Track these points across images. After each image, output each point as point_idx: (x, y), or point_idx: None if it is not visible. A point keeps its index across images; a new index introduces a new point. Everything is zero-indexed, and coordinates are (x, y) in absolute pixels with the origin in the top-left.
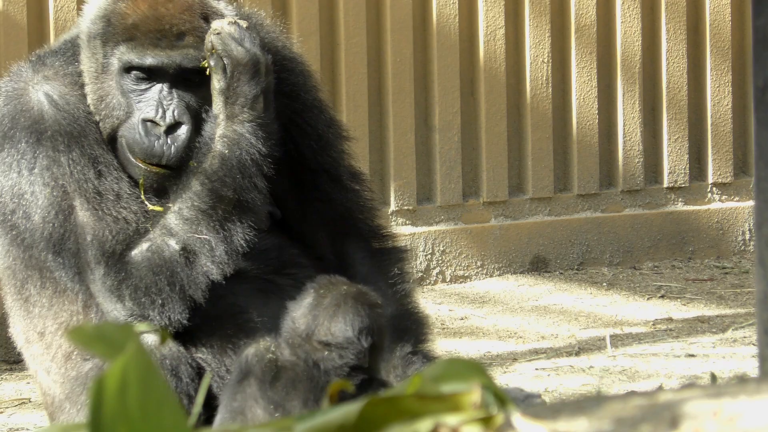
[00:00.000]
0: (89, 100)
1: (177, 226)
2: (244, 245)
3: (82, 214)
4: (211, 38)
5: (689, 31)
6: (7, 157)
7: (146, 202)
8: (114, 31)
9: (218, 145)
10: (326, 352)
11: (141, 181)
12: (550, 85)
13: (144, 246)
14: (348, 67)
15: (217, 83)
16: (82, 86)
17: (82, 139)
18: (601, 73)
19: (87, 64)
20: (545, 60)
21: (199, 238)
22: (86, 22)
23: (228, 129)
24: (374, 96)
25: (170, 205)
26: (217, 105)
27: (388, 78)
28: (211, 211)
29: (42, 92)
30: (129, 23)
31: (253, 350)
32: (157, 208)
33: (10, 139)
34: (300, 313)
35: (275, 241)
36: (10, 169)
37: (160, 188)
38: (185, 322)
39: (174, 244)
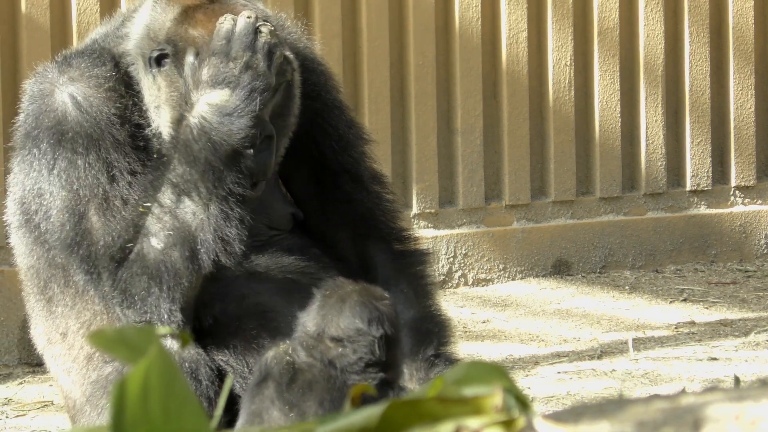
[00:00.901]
0: (162, 120)
1: (152, 225)
2: (222, 247)
3: (93, 219)
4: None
5: (712, 34)
6: (29, 156)
7: None
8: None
9: (180, 134)
10: (340, 349)
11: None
12: (573, 88)
13: (135, 250)
14: (370, 69)
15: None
16: (108, 89)
17: (100, 142)
18: (624, 76)
19: (159, 90)
20: (568, 63)
21: (179, 239)
22: (139, 40)
23: (190, 116)
24: (396, 98)
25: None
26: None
27: (411, 81)
28: (176, 208)
29: (67, 93)
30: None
31: (273, 353)
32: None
33: (33, 138)
34: (310, 317)
35: (298, 241)
36: (31, 168)
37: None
38: (179, 321)
39: (155, 244)
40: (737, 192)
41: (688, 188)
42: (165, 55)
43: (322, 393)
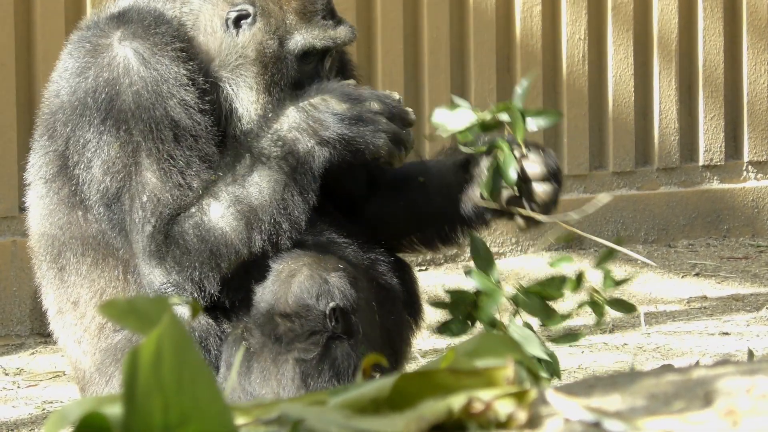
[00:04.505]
0: (243, 82)
1: (218, 189)
2: (274, 234)
3: (148, 174)
4: None
5: (726, 9)
6: (80, 106)
7: None
8: (281, 14)
9: (279, 109)
10: (288, 324)
11: None
12: (587, 62)
13: (192, 211)
14: (384, 43)
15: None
16: (175, 49)
17: (167, 101)
18: (638, 51)
19: (244, 48)
20: (582, 37)
21: (240, 210)
22: (208, 1)
23: (301, 101)
24: (410, 72)
25: (220, 173)
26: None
27: (425, 54)
28: (245, 180)
29: (130, 49)
30: (294, 5)
31: (231, 338)
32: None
33: (87, 92)
34: (264, 294)
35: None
36: (81, 118)
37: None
38: (217, 293)
39: (214, 209)
40: (750, 167)
41: (701, 163)
42: (245, 15)
43: (276, 375)
